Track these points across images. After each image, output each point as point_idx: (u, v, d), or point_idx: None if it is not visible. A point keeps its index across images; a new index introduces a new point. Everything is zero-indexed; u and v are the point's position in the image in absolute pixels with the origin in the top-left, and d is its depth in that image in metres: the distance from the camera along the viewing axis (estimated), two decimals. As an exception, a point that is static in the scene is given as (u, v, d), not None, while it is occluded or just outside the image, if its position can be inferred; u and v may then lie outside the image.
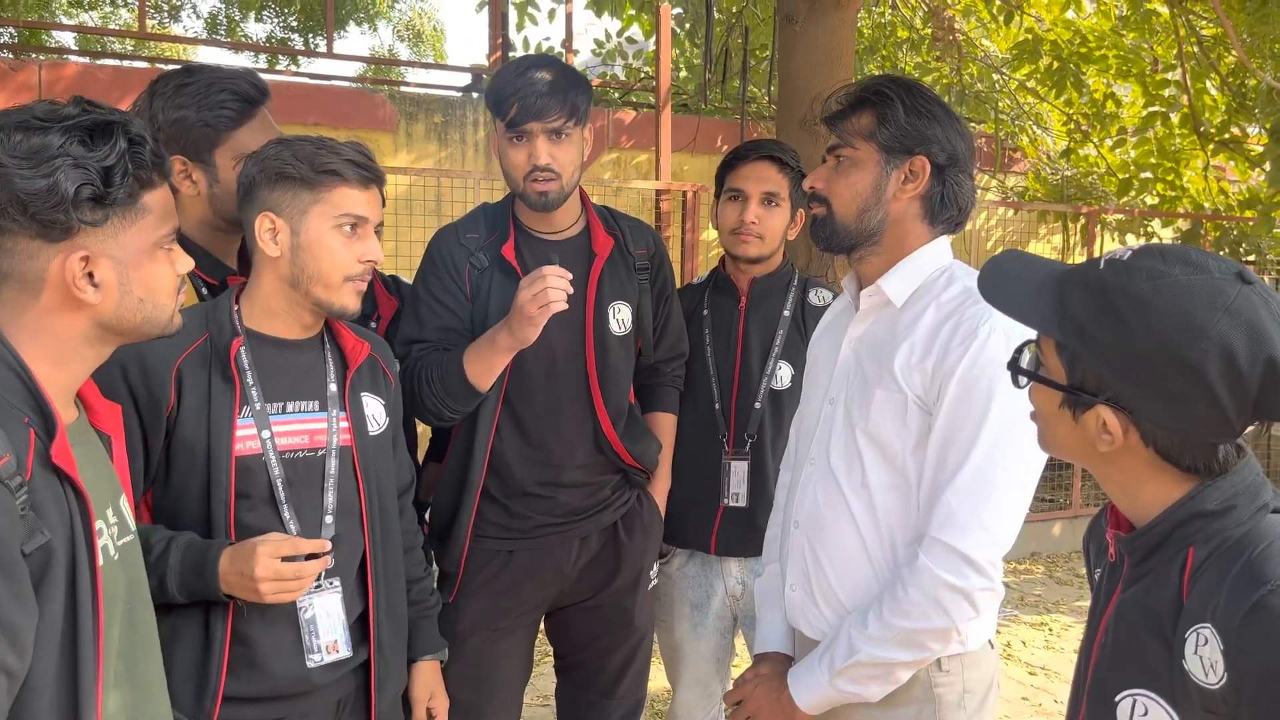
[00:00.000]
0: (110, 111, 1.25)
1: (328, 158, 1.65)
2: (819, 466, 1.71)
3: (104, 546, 1.23)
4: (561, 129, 2.03)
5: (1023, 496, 1.56)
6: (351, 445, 1.74)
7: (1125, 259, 1.08)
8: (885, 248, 1.67)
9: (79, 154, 1.19)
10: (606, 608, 2.26)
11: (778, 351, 2.43)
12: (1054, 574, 6.10)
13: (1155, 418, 1.05)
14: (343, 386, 1.75)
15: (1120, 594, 1.14)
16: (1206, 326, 1.01)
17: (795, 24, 3.71)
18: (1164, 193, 7.07)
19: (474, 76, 7.47)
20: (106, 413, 1.35)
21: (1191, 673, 1.01)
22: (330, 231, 1.65)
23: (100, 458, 1.31)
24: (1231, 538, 1.04)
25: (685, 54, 7.81)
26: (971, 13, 6.84)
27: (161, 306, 1.28)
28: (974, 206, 1.70)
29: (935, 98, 1.66)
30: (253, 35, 15.03)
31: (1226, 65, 6.14)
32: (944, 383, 1.55)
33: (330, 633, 1.69)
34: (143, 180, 1.23)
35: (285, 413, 1.69)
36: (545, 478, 2.13)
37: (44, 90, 5.32)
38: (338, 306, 1.69)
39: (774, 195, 2.39)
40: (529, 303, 1.89)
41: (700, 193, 5.71)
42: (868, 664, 1.59)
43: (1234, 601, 0.98)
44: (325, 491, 1.69)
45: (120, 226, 1.22)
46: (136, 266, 1.24)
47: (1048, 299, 1.12)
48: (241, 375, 1.65)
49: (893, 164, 1.64)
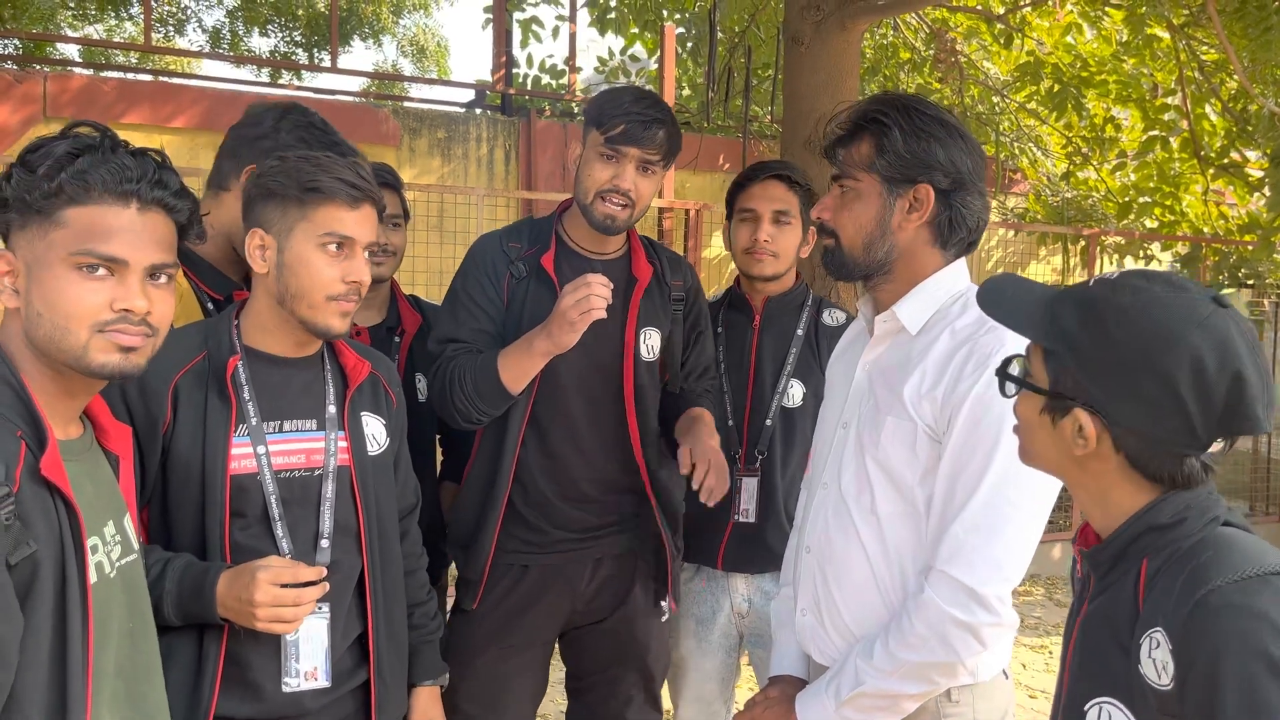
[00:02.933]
0: (81, 125, 1.25)
1: (316, 175, 1.62)
2: (831, 491, 1.69)
3: (98, 564, 1.23)
4: (653, 164, 2.08)
5: (1033, 530, 1.52)
6: (350, 465, 1.72)
7: (1113, 278, 1.17)
8: (897, 275, 1.65)
9: (23, 157, 1.20)
10: (620, 631, 2.25)
11: (790, 370, 2.43)
12: (1054, 596, 6.08)
13: (1128, 422, 1.12)
14: (342, 406, 1.73)
15: (1087, 607, 1.21)
16: (1181, 337, 1.09)
17: (801, 45, 3.73)
18: (1163, 217, 7.08)
19: (477, 92, 7.49)
20: (116, 433, 1.35)
21: (1146, 676, 1.07)
22: (314, 250, 1.62)
23: (104, 476, 1.31)
24: (1182, 548, 1.11)
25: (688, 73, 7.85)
26: (973, 35, 6.87)
27: (60, 329, 1.20)
28: (987, 223, 1.67)
29: (937, 115, 1.61)
30: (257, 49, 15.10)
31: (1227, 91, 6.17)
32: (954, 412, 1.52)
33: (311, 659, 1.66)
34: (56, 190, 1.20)
35: (282, 431, 1.67)
36: (564, 491, 2.14)
37: (49, 103, 5.33)
38: (322, 326, 1.65)
39: (785, 213, 2.40)
40: (571, 308, 1.90)
41: (703, 210, 5.72)
42: (874, 695, 1.57)
43: (1180, 603, 1.05)
44: (321, 515, 1.68)
45: (35, 234, 1.21)
46: (37, 277, 1.21)
47: (1041, 310, 1.21)
48: (238, 392, 1.64)
49: (895, 194, 1.61)
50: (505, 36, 7.04)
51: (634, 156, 2.05)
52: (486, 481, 2.14)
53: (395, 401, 1.85)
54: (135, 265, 1.24)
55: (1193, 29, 5.61)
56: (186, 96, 5.73)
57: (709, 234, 6.19)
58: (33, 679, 1.13)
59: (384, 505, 1.78)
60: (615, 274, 2.17)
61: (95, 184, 1.21)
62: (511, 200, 5.97)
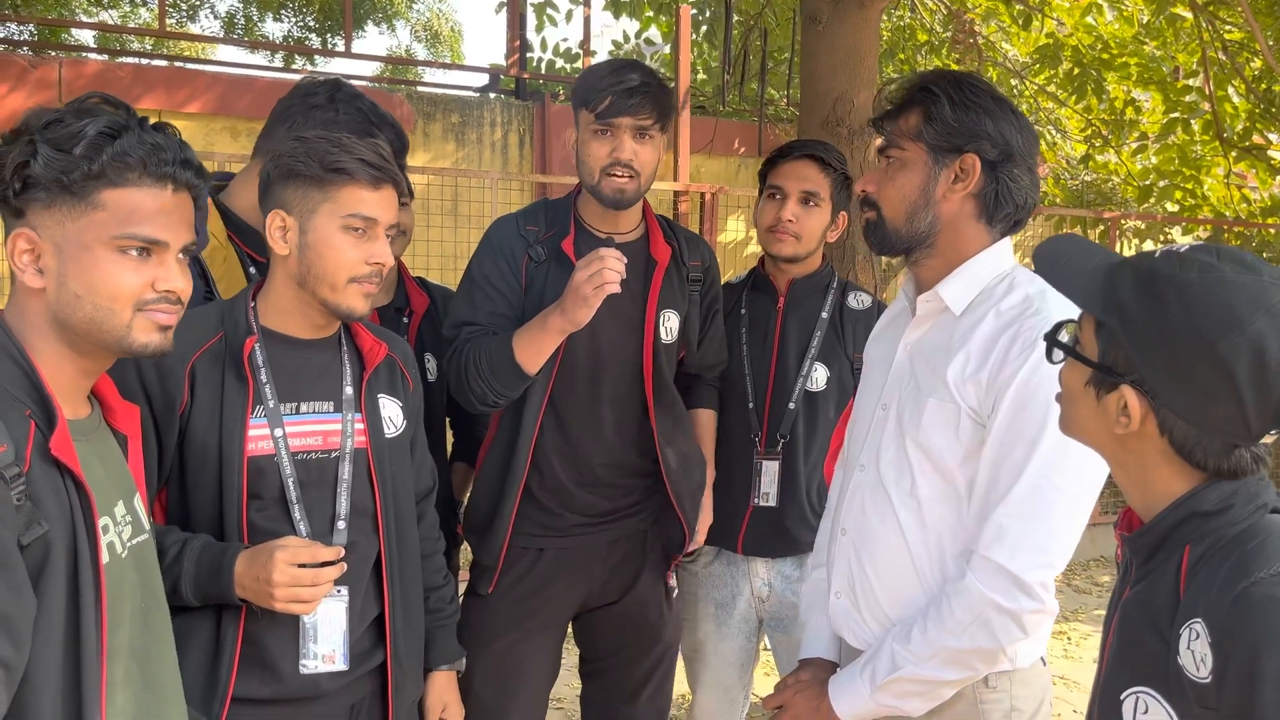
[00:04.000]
0: (104, 103, 1.22)
1: (338, 156, 1.61)
2: (868, 474, 1.67)
3: (110, 543, 1.22)
4: (648, 129, 2.06)
5: (1079, 516, 1.49)
6: (367, 447, 1.71)
7: (1181, 251, 1.10)
8: (940, 251, 1.61)
9: (46, 134, 1.17)
10: (632, 612, 2.25)
11: (814, 353, 2.40)
12: (1072, 582, 6.04)
13: (1176, 407, 1.07)
14: (359, 388, 1.72)
15: (1127, 594, 1.16)
16: (1244, 322, 1.02)
17: (819, 24, 3.68)
18: (1184, 200, 7.00)
19: (491, 77, 7.46)
20: (124, 413, 1.34)
21: (1185, 668, 1.03)
22: (337, 231, 1.62)
23: (114, 456, 1.30)
24: (1226, 536, 1.06)
25: (703, 55, 7.79)
26: (992, 16, 6.79)
27: (104, 310, 1.20)
28: (1036, 202, 1.63)
29: (988, 89, 1.59)
30: (270, 34, 15.09)
31: (1251, 71, 6.09)
32: (999, 395, 1.49)
33: (329, 642, 1.66)
34: (92, 171, 1.18)
35: (299, 413, 1.67)
36: (581, 475, 2.13)
37: (64, 88, 5.33)
38: (344, 308, 1.65)
39: (813, 195, 2.37)
40: (585, 283, 1.89)
41: (718, 194, 5.69)
42: (911, 680, 1.55)
43: (1221, 595, 1.01)
44: (338, 496, 1.67)
45: (66, 215, 1.19)
46: (75, 260, 1.19)
47: (1098, 280, 1.15)
48: (255, 374, 1.63)
49: (941, 163, 1.57)
50: (520, 20, 7.00)
51: (627, 126, 2.03)
52: (503, 466, 2.13)
53: (412, 384, 1.84)
54: (174, 246, 1.25)
55: (1216, 7, 5.53)
56: (201, 82, 5.72)
57: (724, 218, 6.15)
58: (47, 659, 1.13)
59: (401, 488, 1.77)
60: (634, 256, 2.15)
61: (135, 166, 1.20)
62: (526, 184, 5.94)
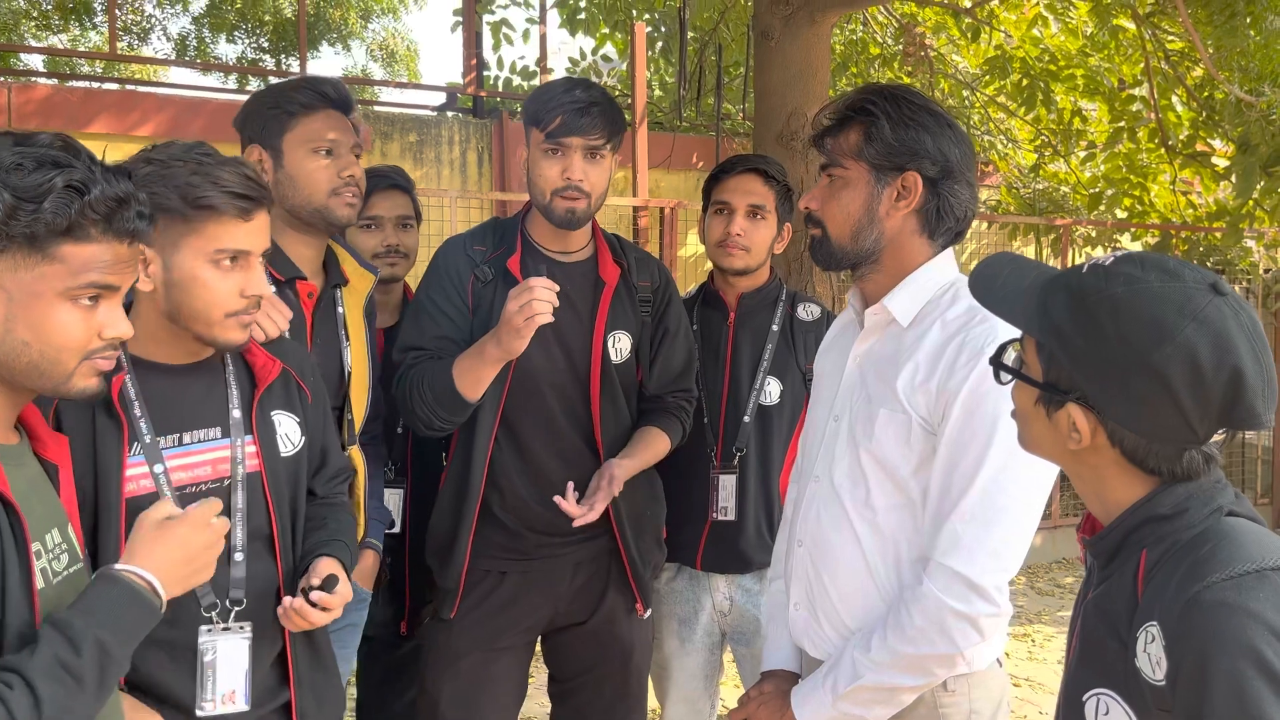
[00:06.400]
0: (75, 154, 1.20)
1: (204, 189, 1.49)
2: (823, 485, 1.68)
3: (43, 569, 1.20)
4: (598, 149, 2.05)
5: (1029, 520, 1.52)
6: (260, 470, 1.62)
7: (1106, 265, 1.11)
8: (885, 266, 1.64)
9: (9, 181, 1.15)
10: (601, 632, 2.23)
11: (766, 366, 2.42)
12: (1035, 585, 6.12)
13: (1121, 419, 1.08)
14: (249, 409, 1.63)
15: (1090, 596, 1.18)
16: (1174, 332, 1.03)
17: (771, 40, 3.73)
18: (1132, 207, 7.15)
19: (449, 95, 7.46)
20: (53, 442, 1.32)
21: (1141, 670, 1.04)
22: (205, 267, 1.52)
23: (43, 484, 1.28)
24: (1181, 540, 1.07)
25: (659, 72, 7.84)
26: (941, 29, 6.91)
27: (51, 359, 1.19)
28: (975, 213, 1.67)
29: (925, 105, 1.62)
30: (224, 56, 14.97)
31: (1193, 79, 6.24)
32: (948, 404, 1.52)
33: (229, 681, 1.56)
34: (58, 227, 1.17)
35: (182, 444, 1.57)
36: (541, 492, 2.11)
37: (13, 113, 5.25)
38: (222, 341, 1.56)
39: (759, 208, 2.39)
40: (516, 314, 1.88)
41: (677, 209, 5.72)
42: (872, 688, 1.56)
43: (1175, 598, 1.02)
44: (234, 528, 1.58)
45: (19, 262, 1.17)
46: (26, 307, 1.18)
47: (1033, 300, 1.16)
48: (127, 410, 1.53)
49: (883, 182, 1.60)
50: (476, 39, 7.00)
51: (578, 146, 2.03)
52: (459, 488, 2.11)
53: (310, 395, 1.75)
54: (122, 289, 1.25)
55: (1159, 18, 5.67)
56: (152, 104, 5.66)
57: (684, 232, 6.18)
58: None
59: (298, 508, 1.69)
60: (583, 275, 2.15)
61: (99, 223, 1.20)
62: (485, 202, 5.94)
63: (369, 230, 2.51)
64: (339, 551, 1.68)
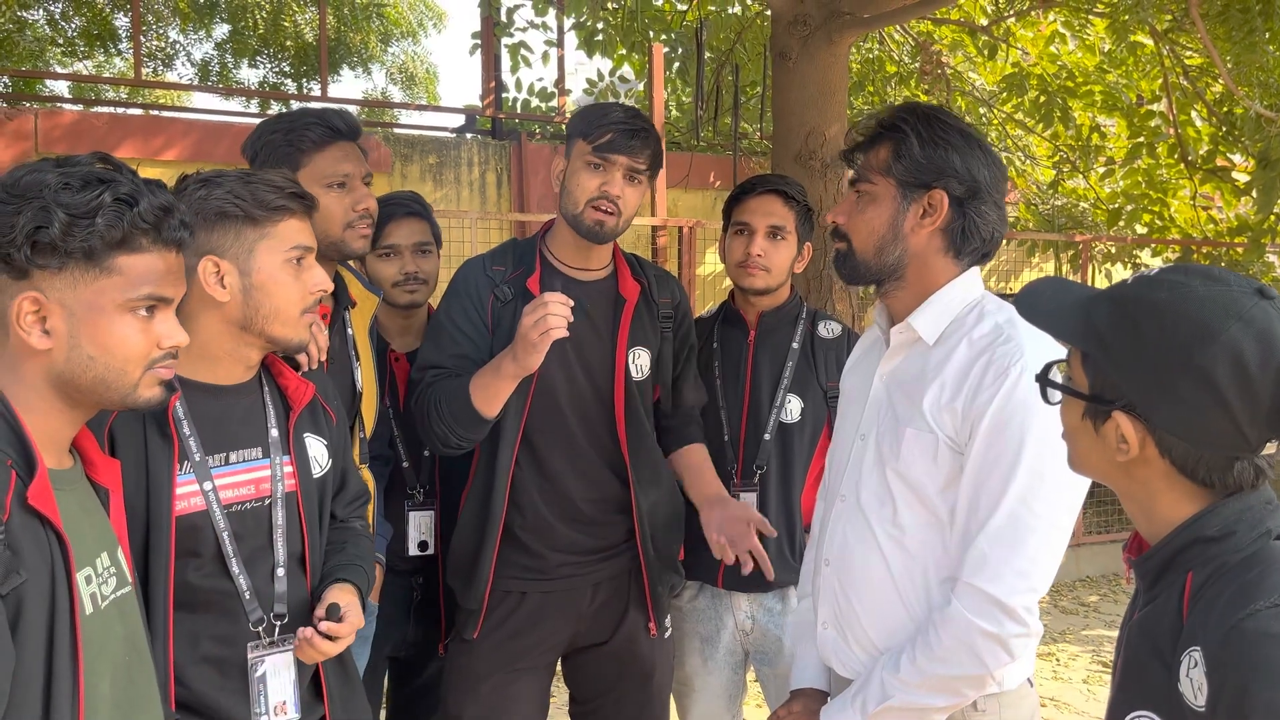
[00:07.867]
0: (117, 170, 1.24)
1: (269, 193, 1.61)
2: (849, 504, 1.68)
3: (91, 594, 1.22)
4: (639, 173, 2.10)
5: (1058, 540, 1.52)
6: (297, 490, 1.68)
7: (1151, 274, 1.12)
8: (909, 283, 1.65)
9: (61, 199, 1.18)
10: (623, 652, 2.23)
11: (787, 384, 2.43)
12: (1059, 603, 6.06)
13: (1168, 426, 1.07)
14: (285, 430, 1.69)
15: (1136, 616, 1.16)
16: (1217, 331, 1.02)
17: (789, 60, 3.75)
18: (1152, 222, 7.12)
19: (467, 117, 7.52)
20: (105, 467, 1.35)
21: (1184, 694, 1.02)
22: (283, 266, 1.63)
23: (94, 508, 1.30)
24: (1229, 563, 1.05)
25: (676, 92, 7.89)
26: (958, 47, 6.92)
27: (117, 371, 1.24)
28: (1004, 235, 1.66)
29: (956, 125, 1.62)
30: (246, 81, 15.16)
31: (1212, 95, 6.22)
32: (975, 423, 1.52)
33: (280, 693, 1.61)
34: (114, 239, 1.21)
35: (229, 464, 1.62)
36: (563, 510, 2.12)
37: (40, 138, 5.34)
38: (295, 341, 1.66)
39: (780, 229, 2.41)
40: (531, 329, 1.90)
41: (696, 228, 5.74)
42: (901, 708, 1.55)
43: (1218, 625, 1.00)
44: (275, 544, 1.63)
45: (78, 278, 1.21)
46: (89, 322, 1.21)
47: (1078, 313, 1.16)
48: (179, 429, 1.58)
49: (909, 198, 1.61)
50: (494, 61, 7.07)
51: (622, 165, 2.07)
52: (481, 508, 2.12)
53: (335, 418, 1.81)
54: (175, 300, 1.30)
55: (1176, 34, 5.66)
56: (176, 129, 5.74)
57: (702, 251, 6.21)
58: (25, 712, 1.12)
59: (324, 527, 1.75)
60: (602, 294, 2.17)
61: (149, 232, 1.24)
62: (505, 223, 5.98)
63: (387, 259, 2.52)
64: (355, 576, 1.74)
